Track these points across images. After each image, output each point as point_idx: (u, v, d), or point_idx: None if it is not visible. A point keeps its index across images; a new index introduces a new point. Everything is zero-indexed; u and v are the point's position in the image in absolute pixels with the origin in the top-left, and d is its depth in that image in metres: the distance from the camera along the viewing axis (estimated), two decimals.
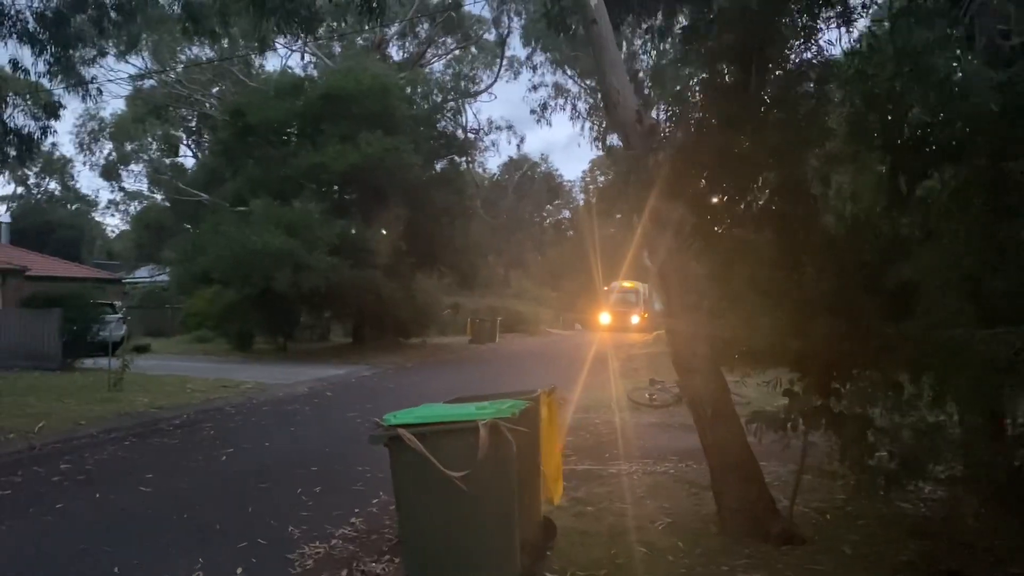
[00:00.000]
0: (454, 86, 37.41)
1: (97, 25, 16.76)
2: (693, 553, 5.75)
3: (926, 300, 4.76)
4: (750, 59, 4.00)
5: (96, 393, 14.22)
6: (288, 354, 26.48)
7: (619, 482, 8.40)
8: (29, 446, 9.86)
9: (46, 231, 48.42)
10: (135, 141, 44.74)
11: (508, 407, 4.76)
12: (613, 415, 13.45)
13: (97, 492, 7.85)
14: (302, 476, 8.76)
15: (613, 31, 6.99)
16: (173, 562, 5.88)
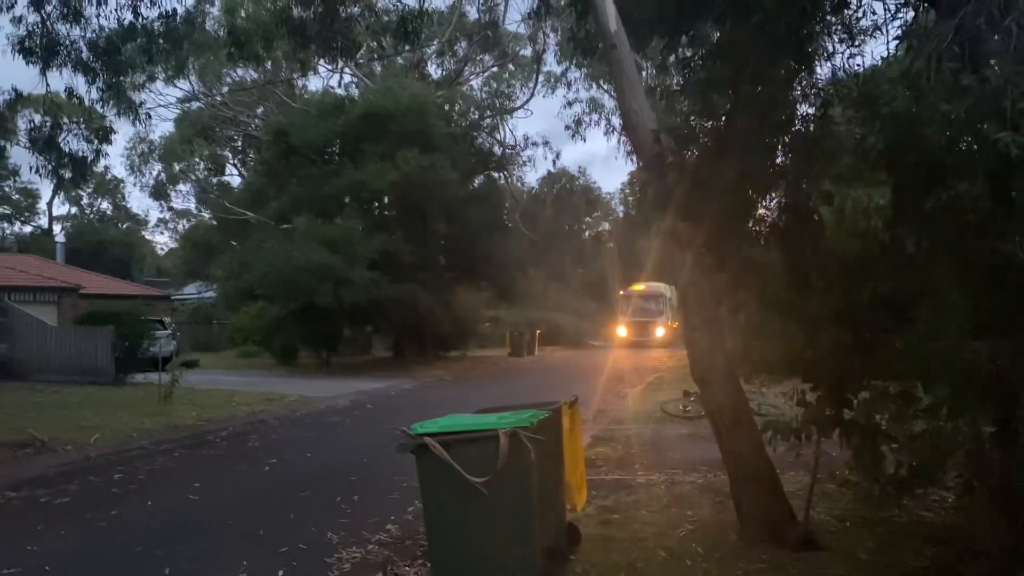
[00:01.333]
0: (489, 103, 37.93)
1: (146, 52, 17.48)
2: (711, 558, 5.96)
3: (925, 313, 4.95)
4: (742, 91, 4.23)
5: (147, 407, 14.79)
6: (331, 368, 27.04)
7: (647, 491, 8.61)
8: (84, 457, 10.38)
9: (99, 250, 49.94)
10: (183, 161, 46.05)
11: (528, 417, 5.04)
12: (646, 426, 13.64)
13: (148, 500, 8.30)
14: (341, 485, 9.11)
15: (634, 54, 7.27)
16: (219, 565, 6.25)
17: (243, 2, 26.89)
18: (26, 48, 16.08)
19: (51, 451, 10.40)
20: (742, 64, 4.24)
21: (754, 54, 4.22)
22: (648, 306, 41.66)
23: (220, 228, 40.50)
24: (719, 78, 4.41)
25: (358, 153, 25.66)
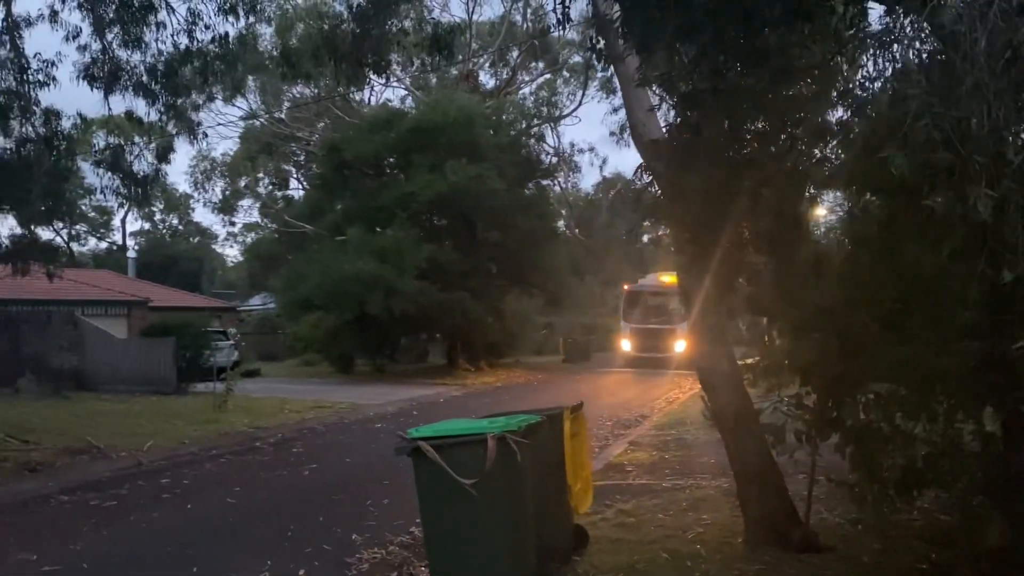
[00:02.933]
0: (536, 112, 38.24)
1: (202, 75, 18.25)
2: (712, 559, 6.05)
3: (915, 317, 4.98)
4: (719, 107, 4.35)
5: (202, 415, 15.42)
6: (385, 375, 27.60)
7: (670, 495, 8.71)
8: (137, 463, 10.94)
9: (169, 264, 51.81)
10: (247, 177, 47.53)
11: (517, 421, 5.25)
12: (685, 432, 13.67)
13: (189, 503, 8.74)
14: (373, 489, 9.43)
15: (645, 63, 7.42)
16: (245, 563, 6.60)
17: (294, 23, 27.75)
18: (91, 75, 16.94)
19: (106, 457, 10.99)
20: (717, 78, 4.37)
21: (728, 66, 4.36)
22: (664, 307, 29.98)
23: (281, 241, 41.67)
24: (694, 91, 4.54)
25: (408, 165, 26.23)
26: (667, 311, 30.04)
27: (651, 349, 29.51)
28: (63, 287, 21.79)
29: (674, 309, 29.15)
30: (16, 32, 15.45)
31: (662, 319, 30.19)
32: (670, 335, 29.43)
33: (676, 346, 28.72)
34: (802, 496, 6.42)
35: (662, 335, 29.73)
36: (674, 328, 29.17)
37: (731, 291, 5.59)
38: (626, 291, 32.13)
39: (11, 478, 9.60)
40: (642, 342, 30.14)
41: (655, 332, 29.90)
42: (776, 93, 4.60)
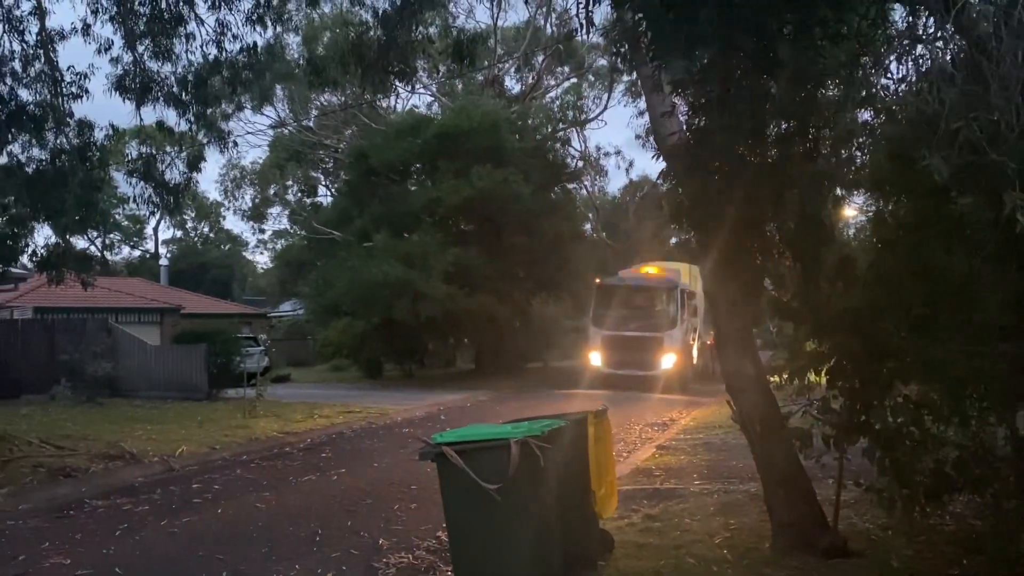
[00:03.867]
0: (562, 116, 38.24)
1: (231, 84, 18.50)
2: (739, 565, 6.02)
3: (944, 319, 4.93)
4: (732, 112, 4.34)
5: (233, 420, 15.60)
6: (414, 380, 27.74)
7: (697, 500, 8.66)
8: (168, 468, 11.10)
9: (201, 271, 52.50)
10: (276, 184, 48.01)
11: (540, 426, 5.26)
12: (713, 436, 13.59)
13: (219, 508, 8.85)
14: (401, 493, 9.48)
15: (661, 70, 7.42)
16: (274, 568, 6.67)
17: (321, 32, 28.01)
18: (123, 86, 17.24)
19: (139, 462, 11.15)
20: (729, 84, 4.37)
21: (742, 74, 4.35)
22: (648, 308, 23.64)
23: (310, 247, 42.03)
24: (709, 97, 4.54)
25: (435, 171, 26.37)
26: (651, 314, 23.47)
27: (629, 364, 22.30)
28: (97, 295, 22.18)
29: (661, 311, 23.29)
30: (50, 46, 15.78)
31: (644, 324, 22.92)
32: (654, 346, 22.47)
33: (662, 360, 22.36)
34: (830, 501, 6.36)
35: (644, 346, 22.40)
36: (659, 337, 22.54)
37: (756, 295, 5.56)
38: (598, 286, 24.30)
39: (46, 483, 9.78)
40: (617, 355, 22.65)
41: (635, 342, 22.43)
42: (797, 97, 4.57)
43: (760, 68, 4.29)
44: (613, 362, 22.87)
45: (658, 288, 24.12)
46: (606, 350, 23.03)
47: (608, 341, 23.03)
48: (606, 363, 23.05)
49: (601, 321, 23.47)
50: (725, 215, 4.97)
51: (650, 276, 24.70)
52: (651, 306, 23.79)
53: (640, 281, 24.54)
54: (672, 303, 23.61)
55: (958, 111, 4.08)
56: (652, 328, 22.91)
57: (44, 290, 22.37)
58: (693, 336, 25.04)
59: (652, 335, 22.66)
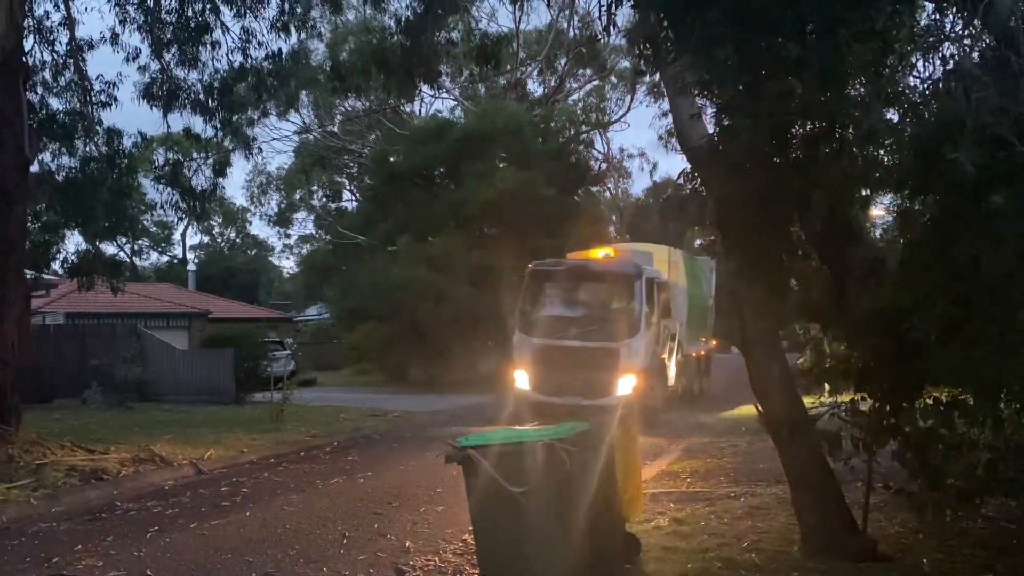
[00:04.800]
0: (585, 118, 38.20)
1: (257, 91, 18.70)
2: (767, 568, 5.97)
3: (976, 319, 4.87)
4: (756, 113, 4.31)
5: (261, 424, 15.72)
6: (439, 384, 27.78)
7: (724, 503, 8.61)
8: (198, 471, 11.22)
9: (228, 276, 52.99)
10: (301, 190, 48.45)
11: (566, 429, 5.26)
12: (740, 439, 13.48)
13: (247, 511, 8.93)
14: (427, 496, 9.52)
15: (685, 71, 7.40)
16: (300, 570, 6.73)
17: (345, 38, 28.21)
18: (150, 94, 17.49)
19: (168, 466, 11.27)
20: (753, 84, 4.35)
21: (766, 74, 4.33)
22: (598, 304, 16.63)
23: (336, 252, 42.31)
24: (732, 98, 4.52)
25: (458, 174, 26.45)
26: (604, 315, 16.02)
27: (568, 389, 14.89)
28: (127, 300, 22.51)
29: (618, 311, 15.91)
30: (80, 55, 16.06)
31: (592, 331, 15.46)
32: (606, 362, 15.14)
33: (617, 384, 14.97)
34: (859, 504, 6.31)
35: (591, 362, 15.12)
36: (613, 348, 15.17)
37: (783, 296, 5.52)
38: (528, 274, 16.85)
39: (79, 486, 9.92)
40: (552, 375, 15.28)
41: (578, 356, 15.19)
42: (822, 96, 4.54)
43: (784, 68, 4.27)
44: (546, 386, 15.04)
45: (613, 277, 16.25)
46: (537, 367, 15.31)
47: (540, 354, 15.34)
48: (537, 387, 15.19)
49: (531, 325, 15.83)
50: (750, 216, 4.93)
51: (603, 261, 17.10)
52: (603, 304, 16.28)
53: (588, 268, 16.69)
54: (634, 299, 15.57)
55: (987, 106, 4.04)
56: (603, 336, 15.19)
57: (75, 296, 22.74)
58: (669, 346, 17.44)
59: (602, 346, 14.99)
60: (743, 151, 4.48)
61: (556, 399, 14.68)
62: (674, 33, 4.51)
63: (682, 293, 19.14)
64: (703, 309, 21.68)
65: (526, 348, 15.82)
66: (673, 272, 18.34)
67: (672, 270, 18.25)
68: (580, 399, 14.38)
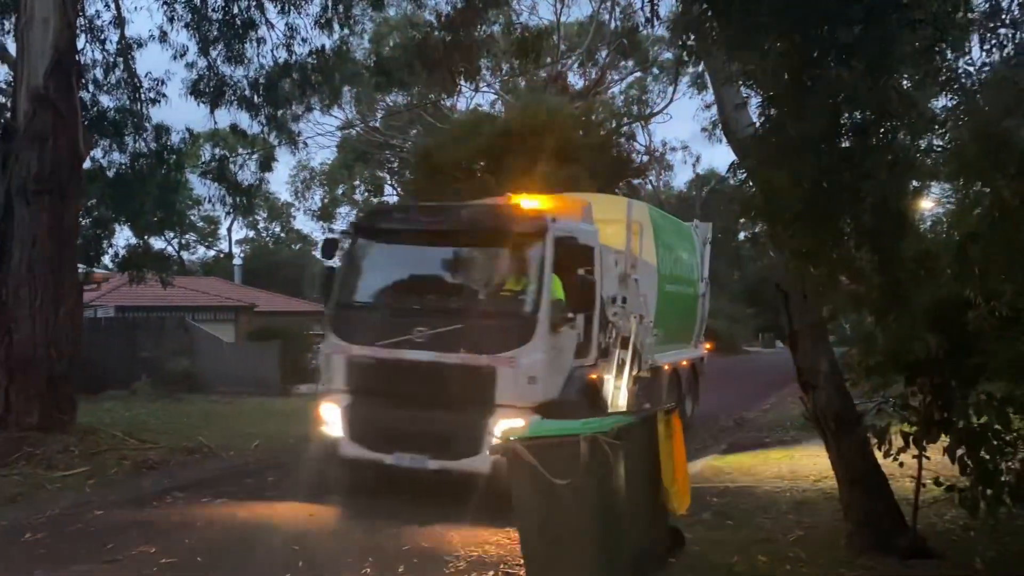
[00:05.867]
0: (627, 111, 37.93)
1: (301, 87, 18.93)
2: (813, 563, 5.92)
3: None
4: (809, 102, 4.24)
5: (306, 415, 15.88)
6: None
7: (770, 497, 8.56)
8: (244, 462, 11.42)
9: (273, 270, 53.71)
10: (344, 185, 48.90)
11: (609, 423, 5.26)
12: (786, 434, 13.36)
13: (295, 501, 9.03)
14: (472, 485, 9.51)
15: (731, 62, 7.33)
16: (347, 560, 6.79)
17: (387, 34, 28.37)
18: (198, 90, 17.80)
19: (216, 456, 11.48)
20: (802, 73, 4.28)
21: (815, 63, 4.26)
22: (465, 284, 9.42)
23: None
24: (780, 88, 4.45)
25: (499, 169, 26.42)
26: (472, 309, 8.84)
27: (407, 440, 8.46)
28: (175, 294, 22.97)
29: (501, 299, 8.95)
30: (129, 54, 16.41)
31: (450, 335, 8.32)
32: (472, 390, 8.28)
33: (492, 433, 7.76)
34: (908, 500, 6.20)
35: (446, 389, 8.34)
36: (486, 367, 8.23)
37: (832, 289, 5.45)
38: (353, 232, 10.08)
39: (131, 475, 10.15)
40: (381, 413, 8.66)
41: (425, 379, 8.44)
42: (873, 84, 4.45)
43: (834, 56, 4.20)
44: (370, 433, 8.76)
45: (494, 238, 8.97)
46: (356, 400, 8.90)
47: (362, 376, 8.93)
48: (356, 434, 8.84)
49: (350, 325, 9.23)
50: (799, 207, 4.86)
51: (481, 211, 10.03)
52: (475, 287, 9.50)
53: (449, 220, 9.46)
54: (534, 280, 8.57)
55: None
56: (469, 343, 8.39)
57: (125, 289, 23.25)
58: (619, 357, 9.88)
59: (466, 362, 8.36)
60: (791, 141, 4.41)
61: (385, 457, 8.45)
62: (719, 22, 4.45)
63: (648, 272, 11.59)
64: (688, 298, 14.18)
65: (340, 365, 8.92)
66: (634, 237, 10.60)
67: (632, 234, 10.55)
68: (425, 459, 8.26)
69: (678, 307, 13.53)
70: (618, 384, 9.83)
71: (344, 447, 8.90)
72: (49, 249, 10.84)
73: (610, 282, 9.92)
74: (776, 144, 4.57)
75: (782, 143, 4.46)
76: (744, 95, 6.23)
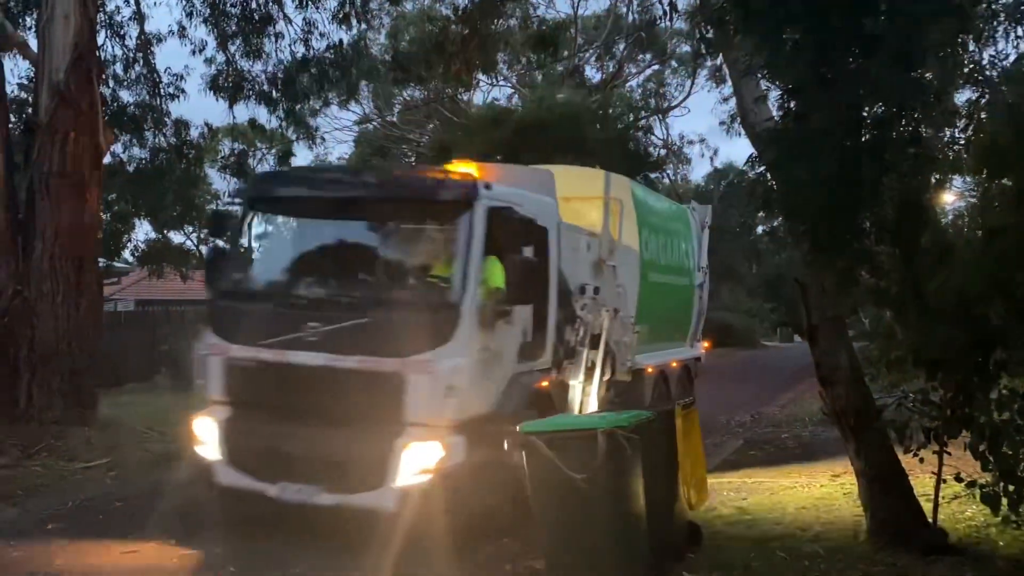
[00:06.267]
0: (644, 104, 37.69)
1: (319, 81, 19.01)
2: (833, 560, 5.87)
3: None
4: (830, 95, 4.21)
5: None
6: None
7: (788, 494, 8.50)
8: None
9: None
10: None
11: (626, 417, 5.25)
12: (804, 429, 13.28)
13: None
14: None
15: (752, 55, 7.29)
16: None
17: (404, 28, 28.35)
18: (217, 85, 17.92)
19: None
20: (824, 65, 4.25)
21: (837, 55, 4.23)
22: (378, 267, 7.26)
23: None
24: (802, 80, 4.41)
25: (516, 162, 26.39)
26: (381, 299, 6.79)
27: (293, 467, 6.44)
28: (195, 288, 23.08)
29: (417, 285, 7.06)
30: (148, 49, 16.54)
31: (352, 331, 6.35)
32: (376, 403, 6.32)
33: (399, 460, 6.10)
34: (929, 496, 6.16)
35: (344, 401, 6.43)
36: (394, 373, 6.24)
37: (852, 284, 5.41)
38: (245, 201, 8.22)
39: (151, 467, 10.21)
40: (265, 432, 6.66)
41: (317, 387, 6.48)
42: (896, 77, 4.41)
43: (857, 48, 4.16)
44: (251, 456, 6.71)
45: (410, 209, 7.23)
46: (236, 415, 6.92)
47: (242, 382, 6.96)
48: (235, 458, 6.79)
49: (231, 318, 7.14)
50: (820, 201, 4.83)
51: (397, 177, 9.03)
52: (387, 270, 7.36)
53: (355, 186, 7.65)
54: (459, 262, 6.58)
55: None
56: (372, 342, 6.34)
57: (145, 283, 23.44)
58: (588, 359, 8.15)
59: (368, 366, 6.35)
60: (812, 134, 4.38)
61: (268, 487, 6.54)
62: (739, 14, 4.42)
63: (629, 259, 9.79)
64: (680, 290, 12.26)
65: (217, 369, 7.11)
66: (612, 217, 9.15)
67: (611, 214, 9.16)
68: (316, 492, 6.37)
69: (667, 300, 11.56)
70: (587, 390, 8.09)
71: (220, 473, 6.79)
72: (70, 244, 10.95)
73: (580, 269, 8.33)
74: (798, 138, 4.53)
75: (804, 136, 4.42)
76: (764, 88, 6.17)
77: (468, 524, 6.28)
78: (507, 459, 6.13)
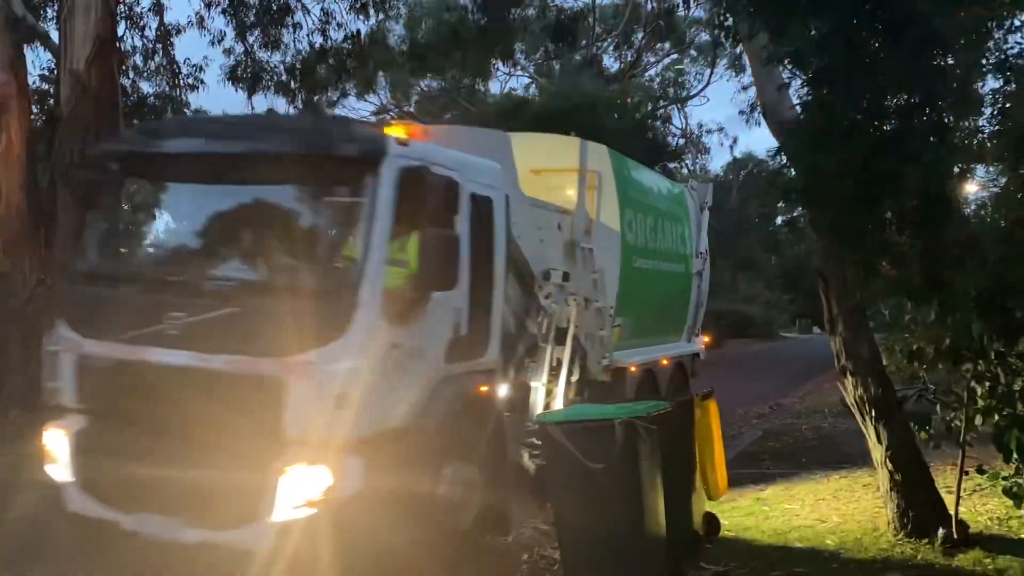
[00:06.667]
0: (662, 94, 37.48)
1: (337, 71, 19.06)
2: (852, 552, 5.87)
3: None
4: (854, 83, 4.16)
5: None
6: None
7: (807, 485, 8.46)
8: None
9: None
10: None
11: (644, 407, 5.24)
12: (822, 421, 13.21)
13: None
14: None
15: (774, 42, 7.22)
16: None
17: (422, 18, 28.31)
18: (236, 76, 18.02)
19: None
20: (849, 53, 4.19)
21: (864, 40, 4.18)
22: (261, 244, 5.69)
23: None
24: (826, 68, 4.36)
25: None
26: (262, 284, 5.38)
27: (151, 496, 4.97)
28: None
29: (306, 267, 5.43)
30: (168, 40, 16.63)
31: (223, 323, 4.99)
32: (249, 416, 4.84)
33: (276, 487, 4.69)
34: (950, 488, 6.11)
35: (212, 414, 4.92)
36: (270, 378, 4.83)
37: (873, 274, 5.36)
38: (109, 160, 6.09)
39: None
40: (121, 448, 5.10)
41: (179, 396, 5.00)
42: (920, 65, 4.36)
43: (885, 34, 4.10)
44: (106, 482, 5.16)
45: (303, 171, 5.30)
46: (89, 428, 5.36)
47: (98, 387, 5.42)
48: (87, 482, 5.24)
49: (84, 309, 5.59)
50: (841, 191, 4.79)
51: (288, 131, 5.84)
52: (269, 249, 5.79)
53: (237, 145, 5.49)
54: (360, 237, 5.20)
55: None
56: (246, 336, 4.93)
57: None
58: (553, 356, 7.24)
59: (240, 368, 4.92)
60: (835, 124, 4.34)
61: (123, 519, 5.11)
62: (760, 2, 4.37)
63: (609, 241, 8.67)
64: (674, 278, 10.80)
65: (69, 369, 5.56)
66: (589, 192, 8.19)
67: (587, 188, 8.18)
68: (179, 526, 4.94)
69: (657, 289, 10.08)
70: (552, 391, 7.15)
71: (70, 498, 5.32)
72: None
73: (548, 251, 7.34)
74: (821, 127, 4.48)
75: (828, 126, 4.38)
76: (785, 76, 6.11)
77: (369, 569, 5.01)
78: (425, 487, 5.19)
